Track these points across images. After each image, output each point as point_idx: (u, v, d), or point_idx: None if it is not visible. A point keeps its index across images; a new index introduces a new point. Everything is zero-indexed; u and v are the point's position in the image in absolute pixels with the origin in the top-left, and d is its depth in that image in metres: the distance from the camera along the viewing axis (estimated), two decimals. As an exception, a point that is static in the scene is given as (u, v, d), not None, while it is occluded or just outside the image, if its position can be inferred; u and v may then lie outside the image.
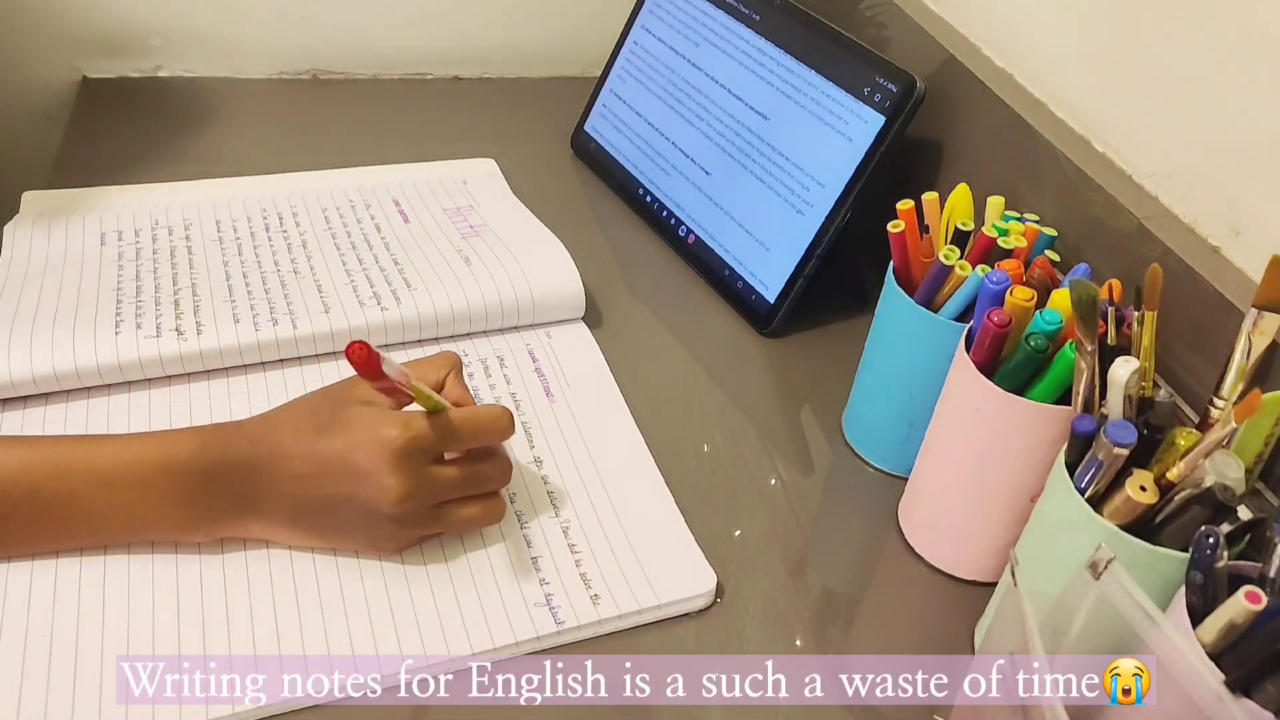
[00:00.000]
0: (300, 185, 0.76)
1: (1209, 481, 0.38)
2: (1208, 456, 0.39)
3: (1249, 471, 0.42)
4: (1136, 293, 0.45)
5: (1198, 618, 0.35)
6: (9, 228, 0.67)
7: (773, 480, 0.59)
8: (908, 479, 0.57)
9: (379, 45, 0.93)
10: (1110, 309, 0.44)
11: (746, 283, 0.71)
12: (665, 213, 0.78)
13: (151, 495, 0.45)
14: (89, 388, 0.56)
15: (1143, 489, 0.40)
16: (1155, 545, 0.40)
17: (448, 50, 0.96)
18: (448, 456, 0.48)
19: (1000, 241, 0.52)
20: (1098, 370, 0.43)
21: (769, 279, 0.70)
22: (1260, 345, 0.42)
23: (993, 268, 0.50)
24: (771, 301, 0.70)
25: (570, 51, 0.99)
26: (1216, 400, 0.43)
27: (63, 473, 0.44)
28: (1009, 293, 0.47)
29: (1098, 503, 0.42)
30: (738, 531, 0.55)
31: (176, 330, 0.58)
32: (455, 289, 0.64)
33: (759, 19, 0.74)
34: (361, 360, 0.40)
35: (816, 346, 0.70)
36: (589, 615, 0.48)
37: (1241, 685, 0.33)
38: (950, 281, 0.53)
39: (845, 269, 0.74)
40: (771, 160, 0.71)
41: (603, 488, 0.55)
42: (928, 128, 0.68)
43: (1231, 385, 0.43)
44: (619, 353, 0.65)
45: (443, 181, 0.79)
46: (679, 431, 0.61)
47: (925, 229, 0.56)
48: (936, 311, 0.53)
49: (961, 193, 0.55)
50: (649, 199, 0.80)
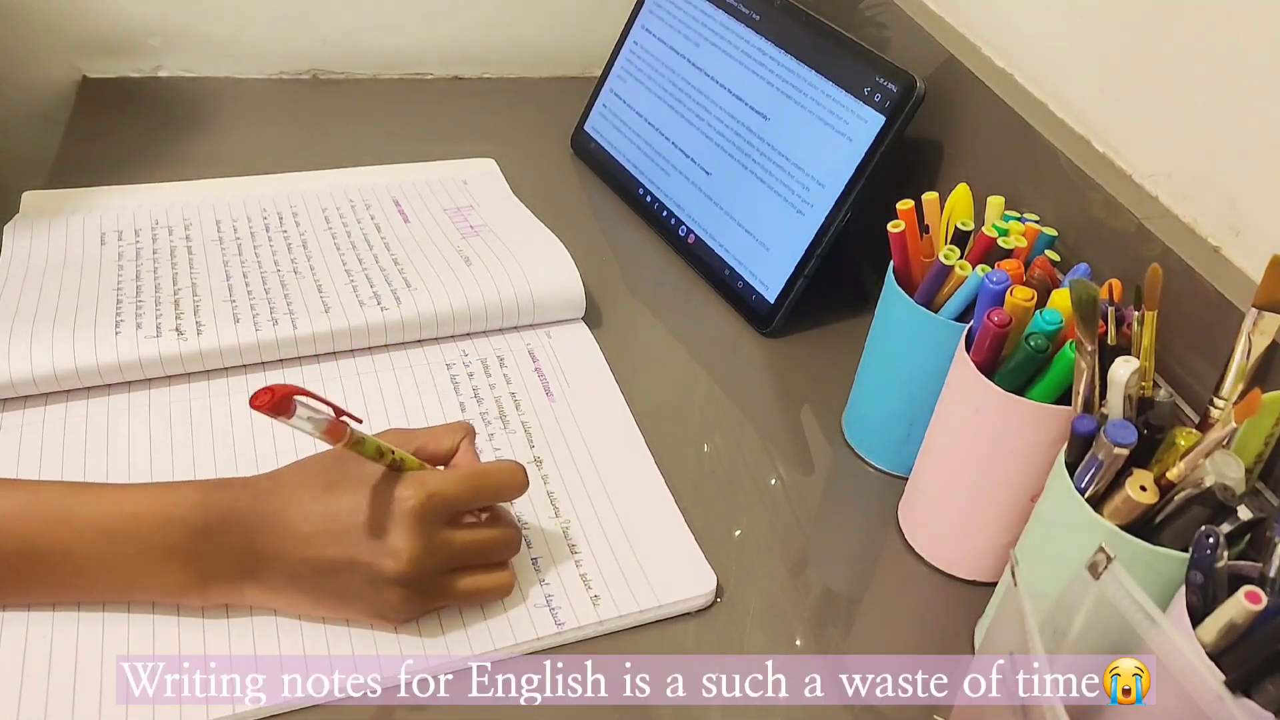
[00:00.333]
0: (300, 185, 0.76)
1: (1209, 481, 0.38)
2: (1208, 456, 0.39)
3: (1249, 471, 0.42)
4: (1136, 293, 0.45)
5: (1198, 618, 0.35)
6: (9, 228, 0.67)
7: (773, 480, 0.59)
8: (908, 479, 0.57)
9: (379, 45, 0.93)
10: (1110, 309, 0.44)
11: (746, 283, 0.71)
12: (665, 213, 0.78)
13: (147, 551, 0.43)
14: (89, 388, 0.56)
15: (1143, 489, 0.40)
16: (1155, 545, 0.40)
17: (448, 50, 0.96)
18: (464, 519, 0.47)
19: (1000, 241, 0.52)
20: (1098, 370, 0.43)
21: (769, 279, 0.70)
22: (1260, 345, 0.42)
23: (993, 268, 0.50)
24: (771, 301, 0.70)
25: (570, 51, 0.99)
26: (1216, 400, 0.43)
27: (57, 523, 0.42)
28: (1009, 293, 0.47)
29: (1098, 503, 0.42)
30: (738, 531, 0.55)
31: (176, 330, 0.58)
32: (455, 289, 0.64)
33: (759, 19, 0.74)
34: (265, 404, 0.36)
35: (816, 346, 0.70)
36: (589, 616, 0.48)
37: (1241, 685, 0.33)
38: (950, 281, 0.53)
39: (845, 269, 0.74)
40: (771, 160, 0.71)
41: (603, 488, 0.55)
42: (928, 128, 0.68)
43: (1231, 385, 0.43)
44: (619, 353, 0.65)
45: (443, 181, 0.79)
46: (679, 431, 0.61)
47: (925, 229, 0.56)
48: (936, 311, 0.53)
49: (961, 193, 0.55)
50: (649, 199, 0.80)
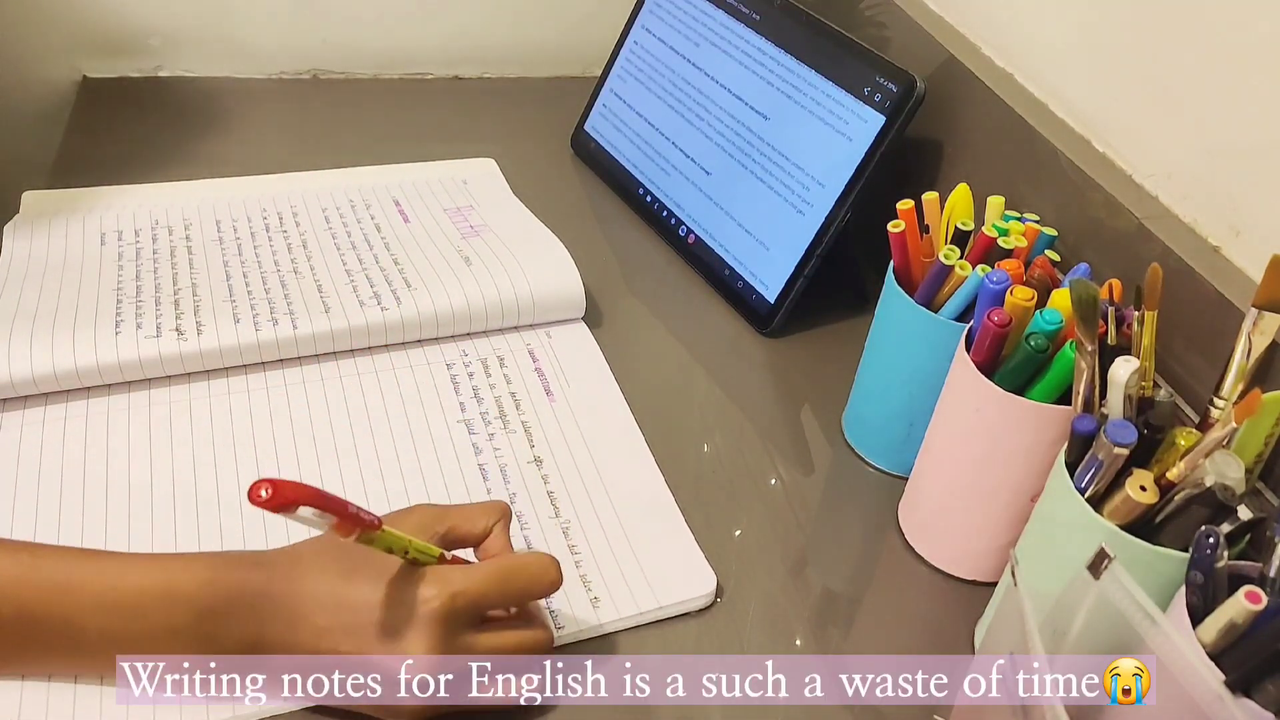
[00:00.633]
0: (300, 185, 0.76)
1: (1209, 481, 0.38)
2: (1208, 456, 0.39)
3: (1249, 471, 0.42)
4: (1136, 292, 0.45)
5: (1198, 618, 0.35)
6: (9, 228, 0.67)
7: (773, 480, 0.59)
8: (908, 479, 0.57)
9: (379, 45, 0.93)
10: (1110, 309, 0.44)
11: (746, 283, 0.71)
12: (665, 212, 0.78)
13: (148, 628, 0.40)
14: (89, 388, 0.56)
15: (1143, 489, 0.40)
16: (1155, 545, 0.40)
17: (448, 50, 0.96)
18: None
19: (1000, 241, 0.52)
20: (1098, 370, 0.43)
21: (769, 279, 0.70)
22: (1260, 345, 0.42)
23: (993, 267, 0.50)
24: (771, 301, 0.70)
25: (570, 51, 0.99)
26: (1216, 400, 0.43)
27: (60, 592, 0.40)
28: (1009, 292, 0.47)
29: (1098, 503, 0.42)
30: (738, 532, 0.55)
31: (176, 330, 0.58)
32: (455, 289, 0.64)
33: (759, 19, 0.74)
34: (268, 504, 0.33)
35: (816, 346, 0.70)
36: (589, 619, 0.48)
37: (1241, 685, 0.33)
38: (950, 281, 0.53)
39: (845, 269, 0.74)
40: (771, 160, 0.71)
41: (603, 488, 0.55)
42: (928, 128, 0.68)
43: (1231, 385, 0.43)
44: (619, 353, 0.65)
45: (443, 181, 0.79)
46: (679, 431, 0.61)
47: (925, 229, 0.56)
48: (936, 311, 0.53)
49: (961, 193, 0.55)
50: (649, 199, 0.80)
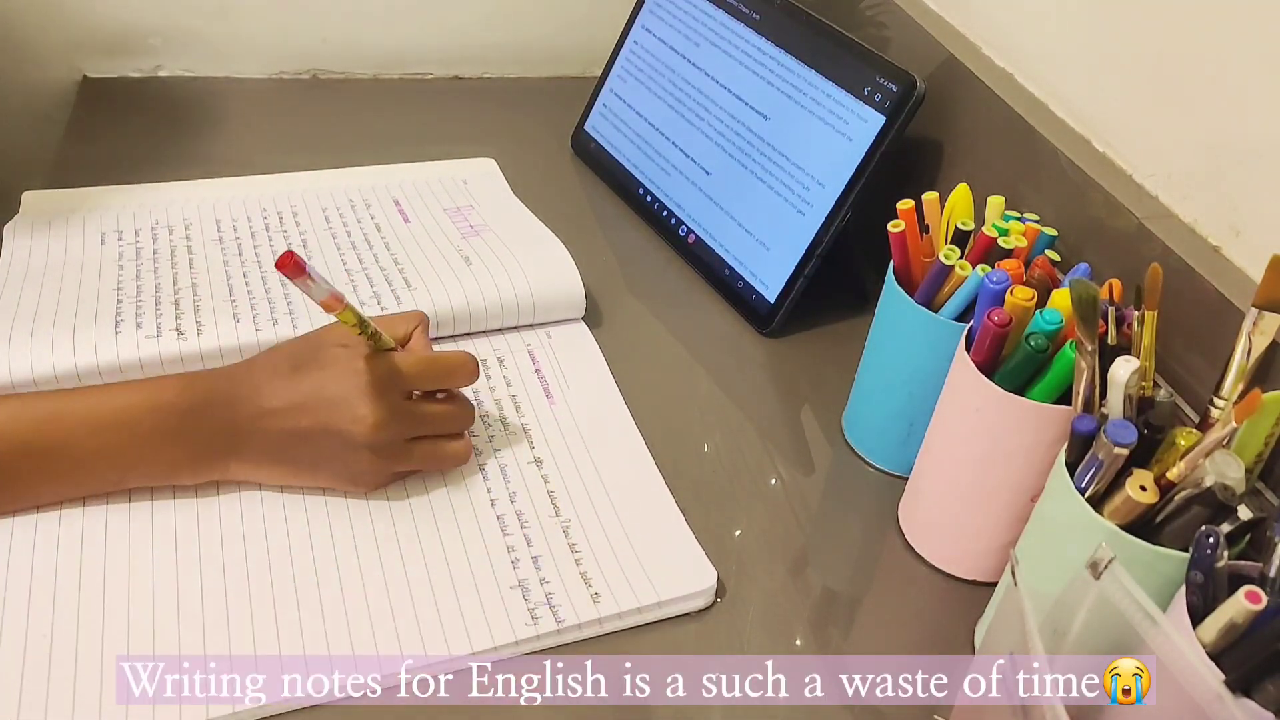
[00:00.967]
0: (300, 185, 0.76)
1: (1209, 481, 0.38)
2: (1208, 456, 0.39)
3: (1249, 471, 0.42)
4: (1137, 292, 0.45)
5: (1198, 618, 0.35)
6: (9, 228, 0.67)
7: (773, 480, 0.59)
8: (908, 479, 0.57)
9: (379, 45, 0.93)
10: (1110, 309, 0.44)
11: (747, 282, 0.71)
12: (665, 212, 0.78)
13: (138, 436, 0.47)
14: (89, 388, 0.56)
15: (1143, 489, 0.40)
16: (1155, 545, 0.40)
17: (448, 50, 0.96)
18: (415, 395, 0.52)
19: (1000, 241, 0.52)
20: (1098, 370, 0.43)
21: (769, 279, 0.70)
22: (1260, 345, 0.42)
23: (993, 267, 0.50)
24: (772, 301, 0.70)
25: (570, 51, 0.99)
26: (1216, 400, 0.43)
27: (51, 420, 0.46)
28: (1009, 292, 0.47)
29: (1098, 502, 0.42)
30: (738, 531, 0.55)
31: (177, 330, 0.58)
32: (455, 288, 0.64)
33: (759, 19, 0.74)
34: (287, 264, 0.42)
35: (816, 346, 0.70)
36: (589, 614, 0.48)
37: (1241, 685, 0.33)
38: (950, 281, 0.53)
39: (845, 269, 0.74)
40: (771, 160, 0.71)
41: (603, 488, 0.55)
42: (928, 128, 0.68)
43: (1231, 385, 0.43)
44: (619, 353, 0.65)
45: (443, 181, 0.79)
46: (679, 431, 0.61)
47: (925, 229, 0.56)
48: (936, 311, 0.53)
49: (961, 192, 0.55)
50: (649, 199, 0.80)
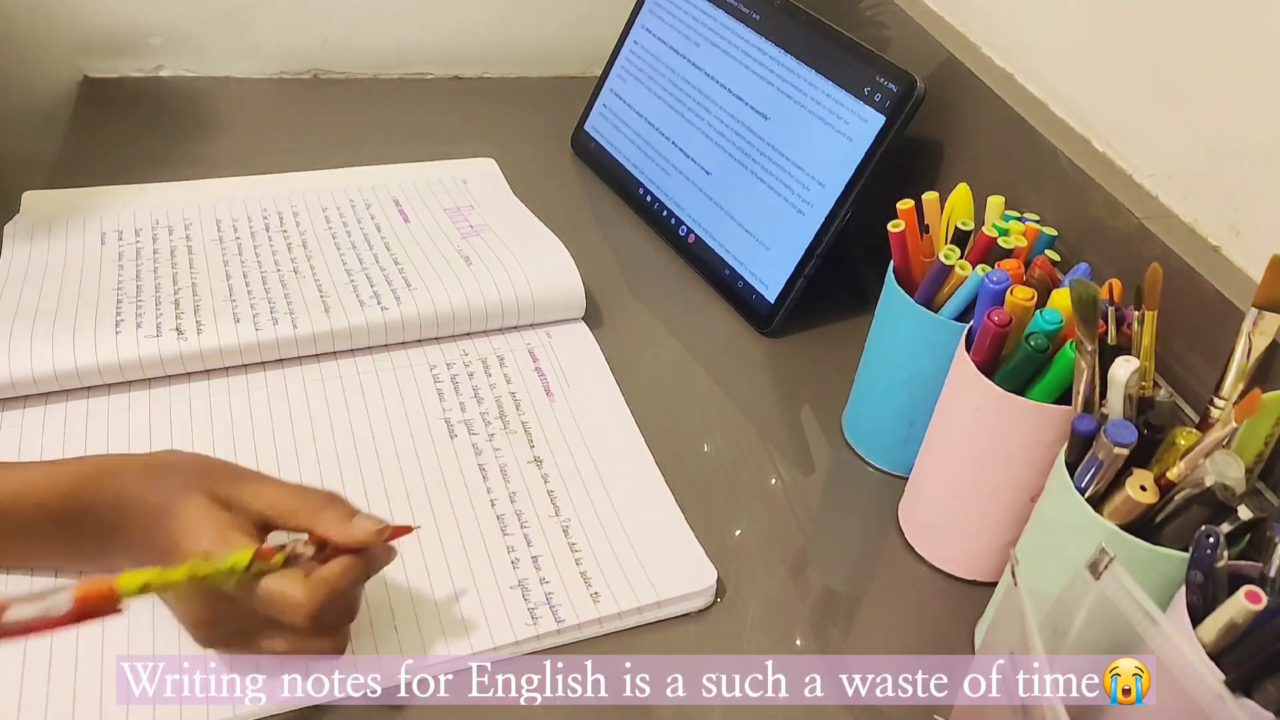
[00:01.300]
0: (300, 185, 0.76)
1: (1209, 481, 0.38)
2: (1208, 456, 0.39)
3: (1249, 471, 0.42)
4: (1137, 292, 0.45)
5: (1198, 618, 0.35)
6: (9, 228, 0.67)
7: (773, 480, 0.59)
8: (908, 479, 0.57)
9: (379, 45, 0.93)
10: (1110, 308, 0.44)
11: (747, 282, 0.71)
12: (665, 212, 0.78)
13: (28, 533, 0.44)
14: (89, 387, 0.56)
15: (1143, 489, 0.40)
16: (1155, 545, 0.40)
17: (448, 50, 0.96)
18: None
19: (1000, 241, 0.52)
20: (1098, 370, 0.43)
21: (769, 279, 0.70)
22: (1260, 345, 0.42)
23: (993, 267, 0.50)
24: (772, 301, 0.70)
25: (570, 51, 0.98)
26: (1216, 400, 0.43)
27: None
28: (1009, 292, 0.47)
29: (1098, 502, 0.42)
30: (738, 531, 0.55)
31: (177, 330, 0.58)
32: (455, 288, 0.64)
33: (759, 18, 0.74)
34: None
35: (816, 346, 0.70)
36: (589, 614, 0.48)
37: (1241, 685, 0.33)
38: (950, 281, 0.53)
39: (845, 269, 0.74)
40: (771, 160, 0.71)
41: (603, 487, 0.55)
42: (928, 128, 0.68)
43: (1232, 385, 0.43)
44: (619, 353, 0.65)
45: (443, 181, 0.79)
46: (679, 431, 0.61)
47: (925, 229, 0.56)
48: (936, 311, 0.53)
49: (961, 192, 0.55)
50: (649, 199, 0.80)
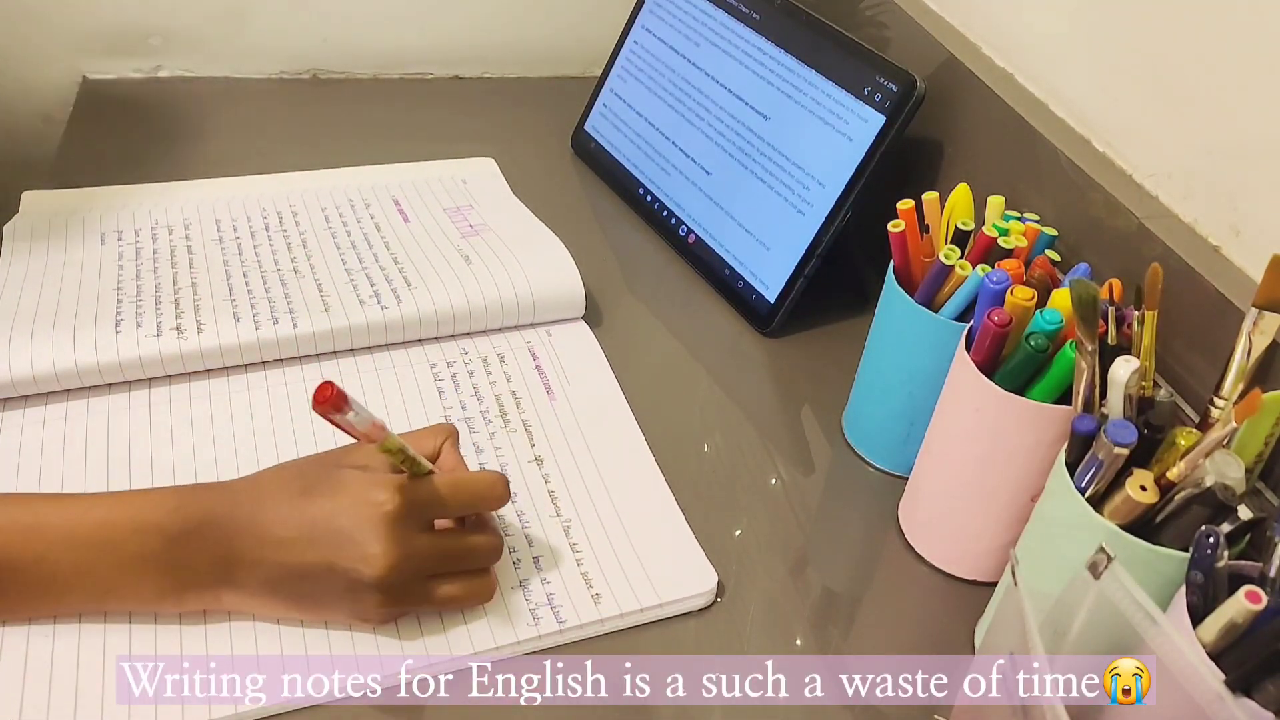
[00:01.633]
0: (300, 185, 0.76)
1: (1209, 481, 0.38)
2: (1208, 456, 0.39)
3: (1249, 471, 0.42)
4: (1137, 292, 0.45)
5: (1198, 618, 0.35)
6: (9, 228, 0.67)
7: (773, 480, 0.59)
8: (908, 479, 0.57)
9: (379, 45, 0.93)
10: (1110, 308, 0.44)
11: (747, 282, 0.71)
12: (665, 212, 0.78)
13: (121, 559, 0.42)
14: (89, 387, 0.56)
15: (1143, 489, 0.40)
16: (1155, 545, 0.40)
17: (448, 50, 0.96)
18: (439, 525, 0.46)
19: (1000, 241, 0.52)
20: (1098, 370, 0.43)
21: (769, 279, 0.70)
22: (1260, 345, 0.42)
23: (993, 267, 0.50)
24: (772, 301, 0.70)
25: (570, 51, 0.98)
26: (1217, 400, 0.43)
27: (29, 532, 0.41)
28: (1009, 292, 0.47)
29: (1098, 502, 0.42)
30: (738, 531, 0.55)
31: (177, 329, 0.58)
32: (455, 288, 0.64)
33: (759, 18, 0.74)
34: (326, 398, 0.38)
35: (816, 346, 0.70)
36: (590, 614, 0.48)
37: (1241, 685, 0.33)
38: (950, 281, 0.53)
39: (845, 269, 0.74)
40: (771, 160, 0.71)
41: (603, 486, 0.55)
42: (928, 128, 0.68)
43: (1232, 385, 0.43)
44: (619, 353, 0.65)
45: (442, 181, 0.79)
46: (679, 431, 0.61)
47: (925, 229, 0.56)
48: (937, 311, 0.53)
49: (961, 192, 0.55)
50: (649, 199, 0.80)
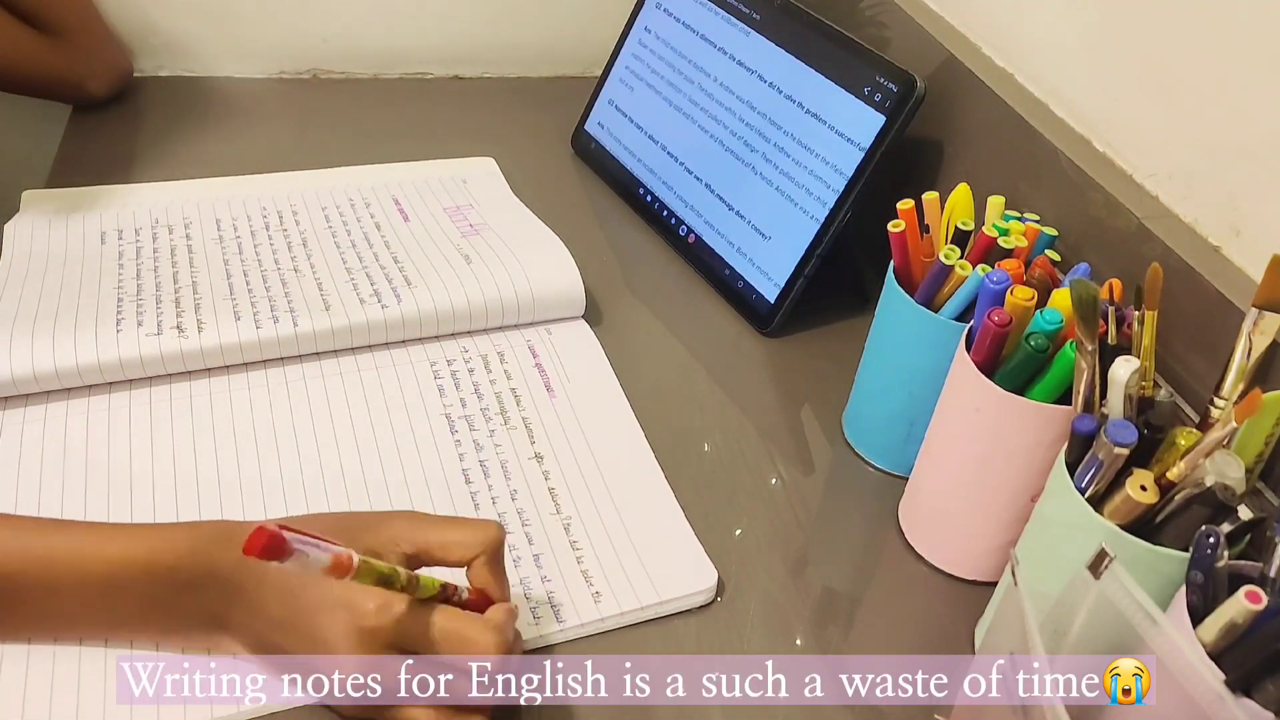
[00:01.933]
0: (300, 184, 0.76)
1: (1209, 481, 0.38)
2: (1208, 456, 0.39)
3: (1249, 471, 0.42)
4: (1137, 292, 0.45)
5: (1198, 617, 0.35)
6: (9, 227, 0.67)
7: (773, 480, 0.59)
8: (908, 479, 0.57)
9: (379, 45, 0.93)
10: (1110, 308, 0.44)
11: (747, 282, 0.71)
12: (665, 212, 0.78)
13: (129, 600, 0.42)
14: (90, 386, 0.56)
15: (1143, 489, 0.40)
16: (1155, 545, 0.40)
17: (448, 50, 0.96)
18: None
19: (1000, 241, 0.52)
20: (1098, 370, 0.43)
21: (769, 278, 0.70)
22: (1260, 345, 0.42)
23: (993, 267, 0.50)
24: (772, 301, 0.70)
25: (570, 51, 0.98)
26: (1217, 400, 0.43)
27: (40, 563, 0.41)
28: (1009, 292, 0.47)
29: (1098, 502, 0.42)
30: (738, 531, 0.55)
31: (177, 328, 0.58)
32: (455, 287, 0.64)
33: (759, 19, 0.74)
34: (257, 546, 0.32)
35: (816, 346, 0.70)
36: (590, 613, 0.48)
37: (1241, 685, 0.33)
38: (950, 281, 0.53)
39: (845, 269, 0.74)
40: (772, 160, 0.71)
41: (604, 485, 0.55)
42: (928, 128, 0.68)
43: (1232, 385, 0.43)
44: (619, 352, 0.65)
45: (442, 180, 0.79)
46: (679, 430, 0.61)
47: (925, 229, 0.56)
48: (937, 311, 0.53)
49: (962, 192, 0.55)
50: (649, 198, 0.80)
